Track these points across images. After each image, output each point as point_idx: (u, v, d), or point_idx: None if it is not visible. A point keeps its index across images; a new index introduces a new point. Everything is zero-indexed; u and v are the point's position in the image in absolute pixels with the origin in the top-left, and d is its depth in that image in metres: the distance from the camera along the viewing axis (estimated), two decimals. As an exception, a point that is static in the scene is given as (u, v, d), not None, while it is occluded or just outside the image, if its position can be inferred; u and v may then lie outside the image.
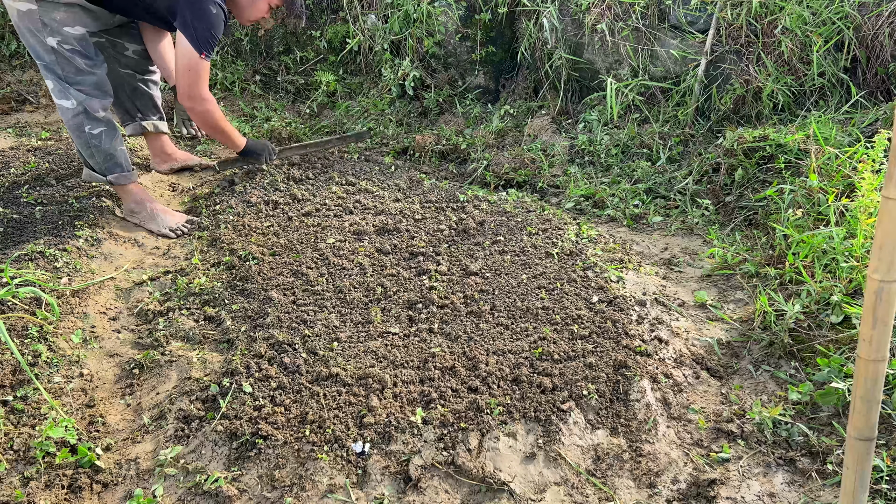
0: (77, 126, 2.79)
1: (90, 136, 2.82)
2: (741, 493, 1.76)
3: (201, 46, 2.73)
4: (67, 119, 2.79)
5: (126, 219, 2.99)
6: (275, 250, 2.71)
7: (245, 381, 2.02)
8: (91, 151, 2.85)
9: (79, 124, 2.79)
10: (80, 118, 2.77)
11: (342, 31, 4.44)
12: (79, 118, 2.77)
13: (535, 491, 1.76)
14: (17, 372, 2.04)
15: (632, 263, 2.68)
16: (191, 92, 2.81)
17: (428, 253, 2.68)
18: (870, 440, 1.22)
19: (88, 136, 2.81)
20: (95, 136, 2.82)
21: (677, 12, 3.56)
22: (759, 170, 3.03)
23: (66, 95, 2.74)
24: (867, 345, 1.16)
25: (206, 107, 2.88)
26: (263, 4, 2.93)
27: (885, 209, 1.07)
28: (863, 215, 2.35)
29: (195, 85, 2.80)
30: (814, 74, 3.25)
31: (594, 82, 3.89)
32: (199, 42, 2.72)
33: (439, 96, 4.19)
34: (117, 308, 2.49)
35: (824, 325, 2.18)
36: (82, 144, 2.85)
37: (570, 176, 3.44)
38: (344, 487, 1.75)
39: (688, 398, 2.07)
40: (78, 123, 2.78)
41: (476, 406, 1.93)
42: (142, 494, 1.73)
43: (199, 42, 2.72)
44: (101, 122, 2.82)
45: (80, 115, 2.77)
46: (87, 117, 2.78)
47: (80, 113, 2.76)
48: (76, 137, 2.84)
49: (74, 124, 2.79)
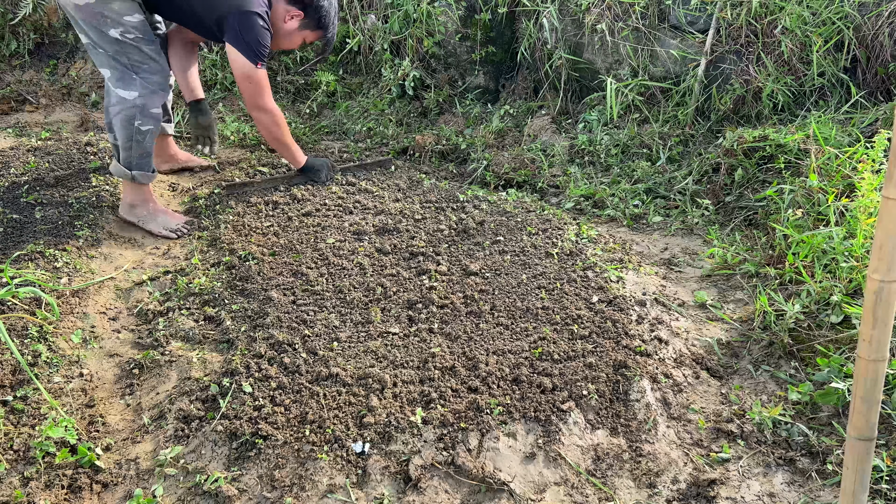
0: (127, 118, 2.75)
1: (137, 131, 2.78)
2: (741, 493, 1.76)
3: (256, 57, 2.78)
4: (120, 109, 2.75)
5: (124, 217, 2.94)
6: (275, 250, 2.71)
7: (245, 381, 2.03)
8: (131, 145, 2.80)
9: (130, 117, 2.75)
10: (135, 111, 2.75)
11: (342, 31, 4.44)
12: (133, 111, 2.74)
13: (535, 491, 1.76)
14: (17, 372, 2.04)
15: (632, 263, 2.68)
16: (257, 102, 2.89)
17: (428, 253, 2.68)
18: (870, 440, 1.22)
19: (136, 130, 2.78)
20: (142, 133, 2.80)
21: (677, 12, 3.56)
22: (759, 170, 3.03)
23: (130, 85, 2.73)
24: (867, 345, 1.16)
25: (273, 118, 2.96)
26: (298, 39, 2.98)
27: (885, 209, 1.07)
28: (863, 215, 2.35)
29: (259, 95, 2.87)
30: (814, 74, 3.25)
31: (594, 82, 3.89)
32: (254, 53, 2.77)
33: (439, 96, 4.19)
34: (117, 308, 2.49)
35: (824, 325, 2.18)
36: (125, 137, 2.79)
37: (570, 176, 3.44)
38: (344, 487, 1.75)
39: (688, 398, 2.07)
40: (130, 116, 2.75)
41: (476, 406, 1.93)
42: (142, 494, 1.73)
43: (254, 53, 2.77)
44: (152, 120, 2.81)
45: (135, 108, 2.74)
46: (142, 112, 2.76)
47: (136, 106, 2.74)
48: (121, 129, 2.78)
49: (126, 116, 2.75)
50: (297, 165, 3.22)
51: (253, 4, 2.73)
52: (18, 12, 4.39)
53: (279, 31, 2.92)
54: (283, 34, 2.93)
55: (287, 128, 3.09)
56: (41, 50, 4.68)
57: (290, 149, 3.14)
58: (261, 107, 2.92)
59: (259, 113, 2.94)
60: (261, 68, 2.82)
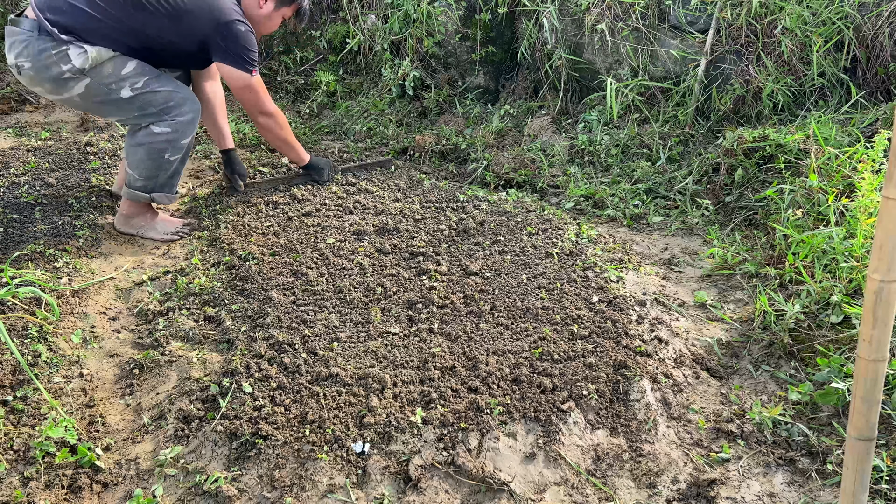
0: (157, 150, 2.73)
1: (167, 161, 2.77)
2: (741, 493, 1.76)
3: (249, 65, 2.77)
4: (151, 142, 2.71)
5: (121, 230, 2.89)
6: (275, 250, 2.71)
7: (245, 381, 2.02)
8: (157, 174, 2.78)
9: (160, 150, 2.73)
10: (165, 145, 2.73)
11: (342, 31, 4.44)
12: (164, 145, 2.73)
13: (535, 491, 1.76)
14: (17, 372, 2.04)
15: (632, 263, 2.68)
16: (260, 109, 2.90)
17: (428, 253, 2.68)
18: (870, 440, 1.22)
19: (165, 161, 2.76)
20: (171, 162, 2.79)
21: (677, 12, 3.56)
22: (759, 170, 3.03)
23: (162, 123, 2.70)
24: (867, 345, 1.16)
25: (276, 121, 2.98)
26: (277, 18, 2.96)
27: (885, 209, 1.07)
28: (863, 215, 2.35)
29: (259, 102, 2.88)
30: (814, 74, 3.25)
31: (594, 82, 3.89)
32: (246, 61, 2.76)
33: (439, 96, 4.19)
34: (117, 308, 2.49)
35: (824, 325, 2.18)
36: (151, 167, 2.75)
37: (570, 176, 3.44)
38: (344, 487, 1.75)
39: (688, 398, 2.07)
40: (160, 149, 2.73)
41: (476, 406, 1.93)
42: (142, 494, 1.73)
43: (246, 61, 2.76)
44: (181, 150, 2.79)
45: (167, 143, 2.72)
46: (172, 146, 2.75)
47: (168, 141, 2.72)
48: (148, 159, 2.73)
49: (155, 149, 2.72)
50: (303, 163, 3.23)
51: (226, 13, 2.69)
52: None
53: (258, 19, 2.89)
54: (261, 20, 2.90)
55: (289, 127, 3.10)
56: (41, 50, 4.67)
57: (296, 148, 3.15)
58: (264, 112, 2.92)
59: (264, 118, 2.95)
60: (256, 74, 2.82)
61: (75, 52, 2.52)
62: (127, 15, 2.58)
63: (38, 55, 2.51)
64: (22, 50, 2.52)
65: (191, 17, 2.65)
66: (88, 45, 2.54)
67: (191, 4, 2.64)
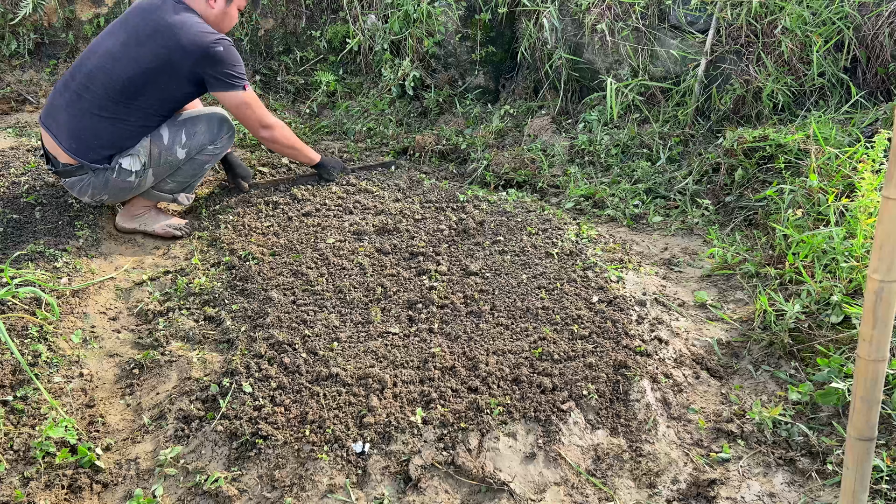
0: (201, 163, 2.90)
1: (204, 171, 2.95)
2: (741, 493, 1.76)
3: (240, 81, 2.80)
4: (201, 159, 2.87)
5: (123, 227, 2.92)
6: (275, 250, 2.71)
7: (245, 381, 2.03)
8: (192, 181, 2.96)
9: (204, 162, 2.90)
10: (210, 159, 2.91)
11: (342, 31, 4.44)
12: (209, 159, 2.91)
13: (535, 491, 1.76)
14: (17, 372, 2.04)
15: (632, 263, 2.68)
16: (261, 123, 2.93)
17: (428, 253, 2.68)
18: (870, 440, 1.22)
19: (203, 171, 2.95)
20: (206, 171, 2.97)
21: (677, 12, 3.56)
22: (759, 170, 3.03)
23: (212, 146, 2.89)
24: (867, 345, 1.16)
25: (281, 131, 3.02)
26: (234, 11, 2.92)
27: (885, 209, 1.07)
28: (863, 215, 2.35)
29: (258, 117, 2.91)
30: (814, 74, 3.25)
31: (594, 82, 3.89)
32: (236, 78, 2.79)
33: (439, 96, 4.19)
34: (117, 308, 2.49)
35: (824, 325, 2.18)
36: (189, 176, 2.91)
37: (570, 176, 3.44)
38: (344, 487, 1.75)
39: (688, 398, 2.07)
40: (204, 162, 2.90)
41: (476, 406, 1.93)
42: (142, 494, 1.73)
43: (236, 78, 2.79)
44: (215, 158, 2.95)
45: (212, 156, 2.91)
46: (215, 159, 2.94)
47: (214, 155, 2.91)
48: (191, 170, 2.89)
49: (200, 162, 2.89)
50: (313, 164, 3.24)
51: (201, 37, 2.67)
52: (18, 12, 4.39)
53: (214, 19, 2.84)
54: (218, 19, 2.86)
55: (293, 133, 3.11)
56: (41, 50, 4.68)
57: (305, 151, 3.17)
58: (265, 125, 2.94)
59: (267, 132, 2.96)
60: (248, 89, 2.84)
61: (127, 161, 2.74)
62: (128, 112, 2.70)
63: (106, 186, 2.76)
64: (93, 191, 2.78)
65: (170, 67, 2.68)
66: (127, 149, 2.74)
67: (162, 57, 2.66)
